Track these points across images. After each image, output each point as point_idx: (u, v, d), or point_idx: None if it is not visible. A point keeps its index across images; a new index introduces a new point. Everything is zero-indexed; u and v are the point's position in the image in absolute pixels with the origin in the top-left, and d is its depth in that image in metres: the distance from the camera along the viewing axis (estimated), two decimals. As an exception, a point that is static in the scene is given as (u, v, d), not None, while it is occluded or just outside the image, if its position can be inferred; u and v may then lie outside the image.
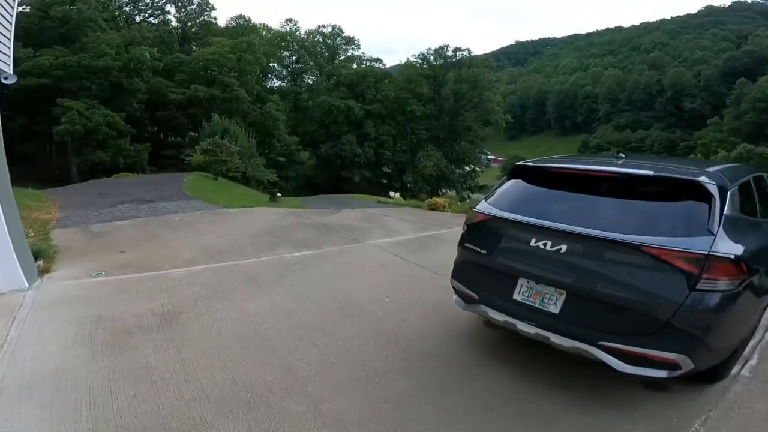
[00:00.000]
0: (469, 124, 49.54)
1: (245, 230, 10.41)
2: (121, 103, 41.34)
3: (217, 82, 45.80)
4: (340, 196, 27.03)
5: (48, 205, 14.19)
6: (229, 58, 47.30)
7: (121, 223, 11.12)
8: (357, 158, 47.01)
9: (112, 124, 38.42)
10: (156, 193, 16.90)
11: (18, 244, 6.44)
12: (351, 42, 68.75)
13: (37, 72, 35.95)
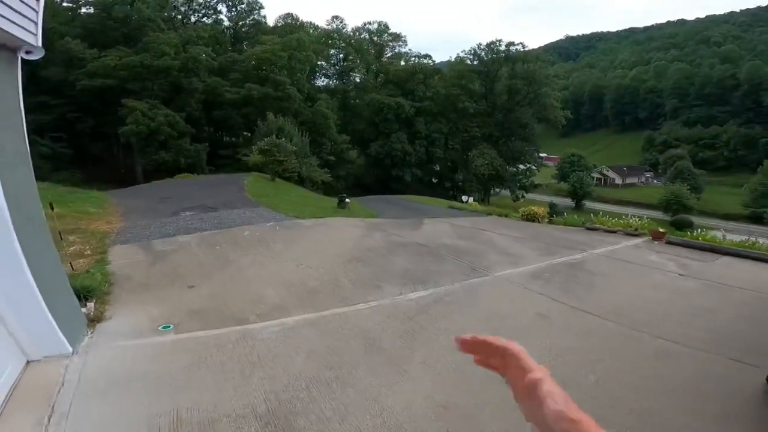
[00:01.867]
0: (525, 121, 45.91)
1: (330, 252, 8.28)
2: (181, 103, 40.78)
3: (269, 81, 44.54)
4: (400, 199, 24.73)
5: (109, 212, 12.74)
6: (280, 56, 45.84)
7: (185, 238, 9.29)
8: (408, 157, 44.60)
9: (174, 124, 37.85)
10: (218, 198, 15.23)
11: (57, 289, 4.53)
12: (398, 38, 66.09)
13: (103, 73, 35.66)
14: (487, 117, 48.16)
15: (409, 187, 45.33)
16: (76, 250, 8.15)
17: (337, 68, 65.84)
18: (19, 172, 4.17)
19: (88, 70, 35.60)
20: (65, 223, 10.22)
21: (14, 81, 4.16)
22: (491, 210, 14.92)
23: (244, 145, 42.98)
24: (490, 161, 41.08)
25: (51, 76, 35.81)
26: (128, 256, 7.85)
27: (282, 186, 23.31)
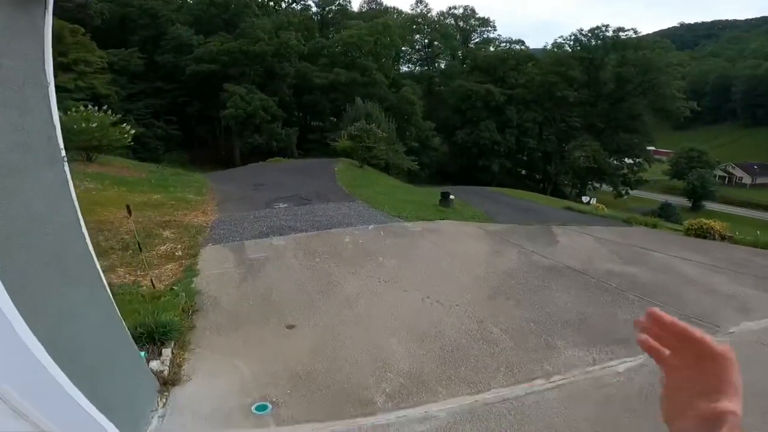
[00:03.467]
0: (637, 112, 39.49)
1: (459, 277, 6.19)
2: (274, 88, 41.02)
3: (355, 66, 43.32)
4: (498, 194, 21.87)
5: (206, 200, 11.86)
6: (367, 40, 44.19)
7: (279, 241, 7.78)
8: (497, 146, 40.79)
9: (267, 109, 38.14)
10: (311, 187, 13.86)
11: (110, 351, 2.95)
12: (485, 23, 61.07)
13: (208, 58, 36.41)
14: (589, 106, 42.27)
15: (496, 177, 41.73)
16: (167, 250, 6.96)
17: (422, 54, 62.99)
18: (47, 176, 2.55)
19: (195, 55, 36.68)
20: (162, 213, 9.37)
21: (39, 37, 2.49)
22: (632, 218, 11.76)
23: (330, 129, 42.59)
24: (591, 154, 35.92)
25: (165, 63, 37.65)
26: (218, 264, 6.45)
27: (371, 174, 21.69)
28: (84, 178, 11.68)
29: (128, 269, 5.92)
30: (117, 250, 6.62)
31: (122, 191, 11.07)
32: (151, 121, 35.72)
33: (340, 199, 12.08)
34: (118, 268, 5.95)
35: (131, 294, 4.94)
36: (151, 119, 35.79)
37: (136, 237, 5.01)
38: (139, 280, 5.57)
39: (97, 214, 8.12)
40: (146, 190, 11.94)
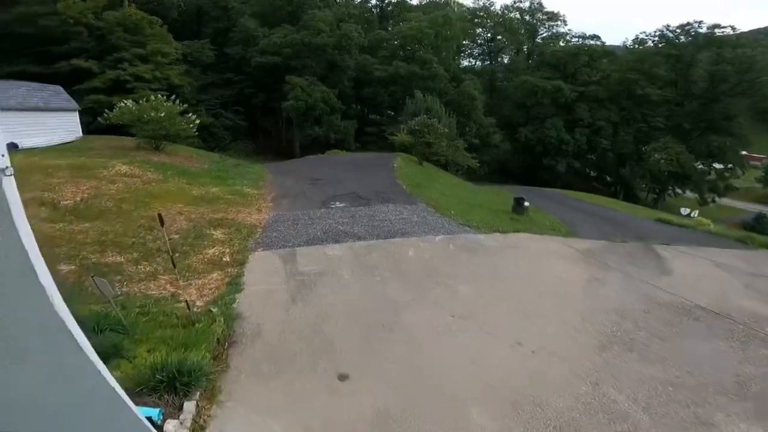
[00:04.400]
0: (734, 113, 34.39)
1: (557, 318, 4.86)
2: (334, 80, 40.69)
3: (415, 59, 41.79)
4: (573, 199, 19.68)
5: (263, 195, 11.28)
6: (427, 33, 42.33)
7: (334, 250, 6.83)
8: (564, 145, 37.55)
9: (327, 101, 37.90)
10: (369, 185, 12.89)
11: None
12: (555, 18, 56.71)
13: (272, 50, 36.55)
14: (675, 106, 37.56)
15: (561, 178, 38.62)
16: (215, 254, 6.26)
17: (484, 48, 60.11)
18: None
19: (260, 47, 36.81)
20: (216, 210, 8.82)
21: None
22: (748, 237, 9.53)
23: (388, 123, 41.68)
24: (674, 156, 31.77)
25: (233, 54, 38.53)
26: (266, 276, 5.61)
27: (431, 171, 20.42)
28: (148, 168, 11.59)
29: (171, 277, 5.24)
30: (164, 252, 6.01)
31: (182, 183, 10.76)
32: (220, 111, 36.69)
33: (401, 200, 10.98)
34: (161, 276, 5.29)
35: (165, 314, 4.19)
36: (220, 110, 36.77)
37: (170, 253, 4.23)
38: (179, 293, 4.85)
39: (150, 209, 7.68)
40: (206, 182, 11.60)
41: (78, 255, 5.40)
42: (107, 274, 4.89)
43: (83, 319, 3.60)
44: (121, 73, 25.37)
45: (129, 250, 5.80)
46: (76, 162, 10.80)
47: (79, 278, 4.84)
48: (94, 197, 7.93)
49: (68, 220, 6.55)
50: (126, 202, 7.86)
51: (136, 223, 6.85)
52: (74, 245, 5.67)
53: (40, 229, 6.09)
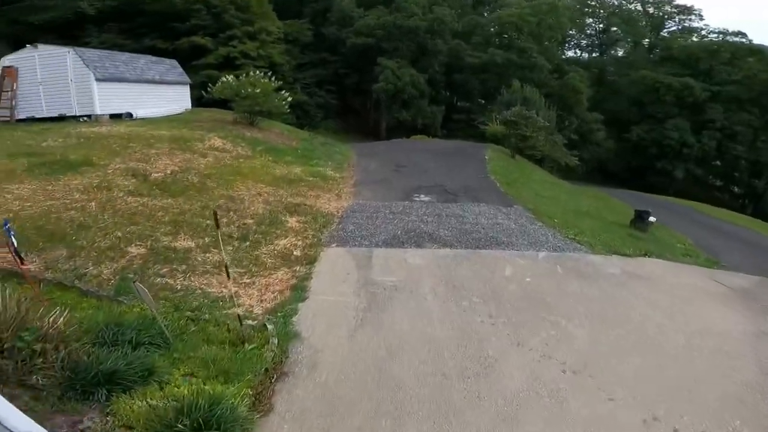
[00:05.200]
0: None
1: (712, 389, 3.34)
2: (425, 64, 39.27)
3: (513, 47, 38.65)
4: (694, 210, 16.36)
5: (345, 179, 10.63)
6: (528, 21, 38.88)
7: (415, 258, 5.83)
8: (687, 149, 31.99)
9: (417, 85, 36.77)
10: (457, 177, 11.59)
11: None
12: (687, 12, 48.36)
13: (365, 31, 35.97)
14: None
15: (675, 184, 33.27)
16: (286, 246, 5.63)
17: (593, 40, 53.96)
18: None
19: (355, 28, 36.42)
20: (295, 193, 8.28)
21: None
22: None
23: (477, 111, 39.54)
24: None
25: (329, 35, 38.98)
26: (335, 283, 4.82)
27: (525, 167, 18.36)
28: (240, 142, 11.59)
29: (235, 272, 4.68)
30: (235, 239, 5.54)
31: (268, 161, 10.52)
32: (314, 90, 37.43)
33: (494, 199, 9.57)
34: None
35: (216, 323, 3.56)
36: (314, 88, 37.55)
37: (225, 261, 3.57)
38: (241, 294, 4.24)
39: (232, 188, 7.37)
40: (290, 161, 11.29)
41: (152, 235, 5.10)
42: (173, 262, 4.47)
43: (124, 327, 3.08)
44: (232, 50, 26.71)
45: (201, 234, 5.41)
46: (177, 133, 11.10)
47: (143, 264, 4.47)
48: (184, 171, 7.85)
49: (153, 194, 6.42)
50: (211, 179, 7.65)
51: (216, 203, 6.51)
52: (151, 224, 5.41)
53: (126, 202, 5.99)
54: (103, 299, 3.71)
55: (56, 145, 8.66)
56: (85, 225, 5.03)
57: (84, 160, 7.57)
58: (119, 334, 2.99)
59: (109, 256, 4.47)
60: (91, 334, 2.96)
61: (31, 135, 9.68)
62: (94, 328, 3.03)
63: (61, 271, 4.11)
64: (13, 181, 6.12)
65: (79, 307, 3.45)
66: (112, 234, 4.90)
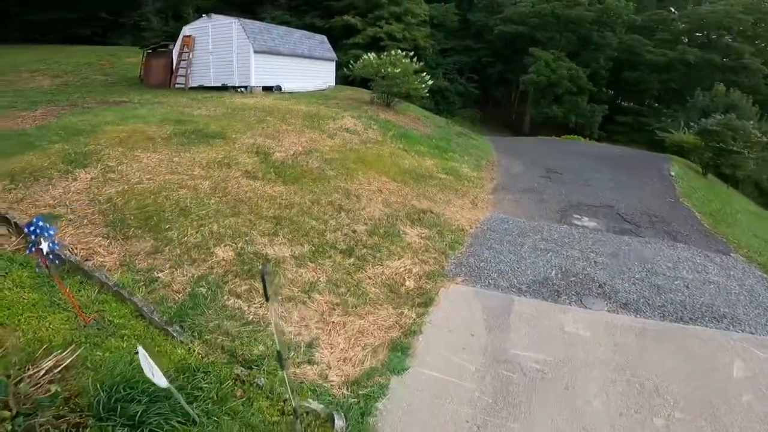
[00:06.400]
0: None
1: None
2: (587, 58, 34.02)
3: (714, 47, 31.38)
4: None
5: (483, 181, 8.80)
6: (739, 19, 31.20)
7: (576, 324, 3.85)
8: None
9: (574, 79, 32.07)
10: (635, 199, 8.62)
11: None
12: None
13: (516, 19, 33.09)
14: None
15: None
16: (397, 271, 4.23)
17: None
18: None
19: (504, 15, 33.92)
20: (422, 193, 6.76)
21: None
22: None
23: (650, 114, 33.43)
24: None
25: (476, 21, 36.99)
26: (450, 353, 3.23)
27: (721, 190, 13.78)
28: (372, 125, 10.64)
29: (326, 302, 3.45)
30: (338, 251, 4.35)
31: (398, 149, 9.30)
32: (455, 77, 35.94)
33: (697, 239, 6.65)
34: (317, 295, 3.56)
35: (269, 396, 2.32)
36: (455, 75, 36.03)
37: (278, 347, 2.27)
38: (322, 341, 2.98)
39: (351, 180, 6.27)
40: (423, 151, 9.89)
41: (247, 234, 4.22)
42: (257, 277, 3.47)
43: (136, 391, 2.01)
44: (378, 30, 26.82)
45: (301, 240, 4.36)
46: (313, 110, 10.66)
47: (223, 275, 3.55)
48: (307, 153, 7.07)
49: (267, 178, 5.67)
50: (331, 166, 6.70)
51: (329, 197, 5.47)
52: (252, 217, 4.57)
53: (238, 184, 5.31)
54: (153, 325, 2.85)
55: (205, 115, 8.80)
56: (187, 210, 4.42)
57: (220, 132, 7.35)
58: (123, 401, 1.96)
59: (191, 258, 3.71)
60: (88, 397, 1.99)
61: (191, 102, 10.18)
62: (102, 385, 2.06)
63: (134, 271, 3.45)
64: (148, 149, 6.01)
65: (119, 334, 2.62)
66: (207, 226, 4.16)
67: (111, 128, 6.90)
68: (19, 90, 12.23)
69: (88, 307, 2.94)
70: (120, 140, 6.29)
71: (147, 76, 14.34)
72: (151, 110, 8.60)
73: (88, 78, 14.88)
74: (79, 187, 4.60)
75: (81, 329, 2.68)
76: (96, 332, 2.67)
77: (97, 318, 2.81)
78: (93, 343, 2.55)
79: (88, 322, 2.75)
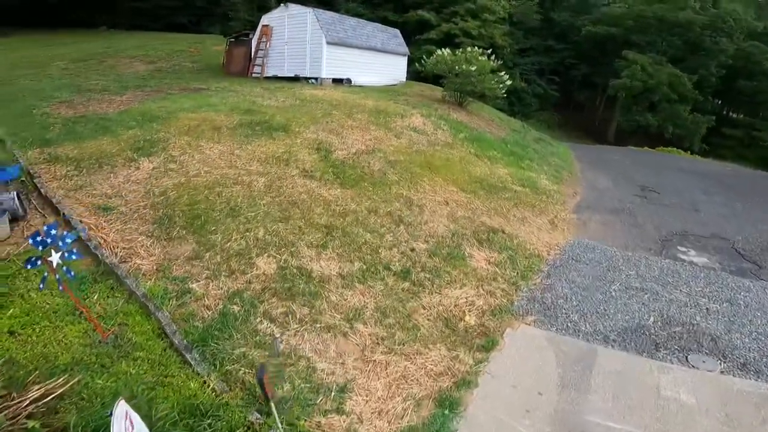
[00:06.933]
0: None
1: None
2: (694, 64, 30.03)
3: None
4: None
5: (564, 196, 7.74)
6: None
7: (680, 389, 2.92)
8: None
9: (676, 86, 28.47)
10: (753, 229, 7.06)
11: None
12: None
13: (609, 21, 30.33)
14: None
15: None
16: (456, 302, 3.58)
17: None
18: None
19: (595, 16, 31.43)
20: (494, 208, 5.91)
21: None
22: None
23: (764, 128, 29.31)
24: None
25: (560, 21, 34.52)
26: (510, 418, 2.51)
27: None
28: (442, 125, 9.93)
29: (370, 334, 2.92)
30: (390, 273, 3.80)
31: (469, 153, 8.52)
32: (534, 77, 33.82)
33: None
34: (359, 325, 3.05)
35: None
36: (533, 76, 33.92)
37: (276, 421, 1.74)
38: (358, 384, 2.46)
39: (414, 187, 5.67)
40: (495, 157, 9.00)
41: (294, 244, 3.82)
42: (296, 297, 3.03)
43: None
44: (453, 27, 25.96)
45: (352, 256, 3.87)
46: (381, 105, 10.21)
47: (261, 292, 3.16)
48: (369, 152, 6.61)
49: (325, 179, 5.28)
50: (394, 169, 6.16)
51: (389, 206, 4.93)
52: (303, 224, 4.17)
53: (294, 184, 4.97)
54: (173, 347, 2.51)
55: (273, 105, 8.71)
56: (236, 210, 4.14)
57: (284, 125, 7.15)
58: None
59: (230, 268, 3.38)
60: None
61: (263, 92, 10.22)
62: (85, 427, 1.71)
63: (169, 278, 3.19)
64: (212, 139, 5.92)
65: (133, 356, 2.31)
66: (253, 231, 3.84)
67: (184, 115, 6.97)
68: (118, 75, 13.23)
69: (111, 319, 2.71)
70: (188, 128, 6.29)
71: (228, 64, 14.86)
72: (223, 99, 8.69)
73: (177, 64, 15.78)
74: (139, 177, 4.54)
75: (96, 345, 2.44)
76: (110, 350, 2.41)
77: (117, 332, 2.56)
78: (101, 365, 2.29)
79: (106, 337, 2.50)
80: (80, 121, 6.43)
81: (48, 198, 3.81)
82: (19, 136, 5.57)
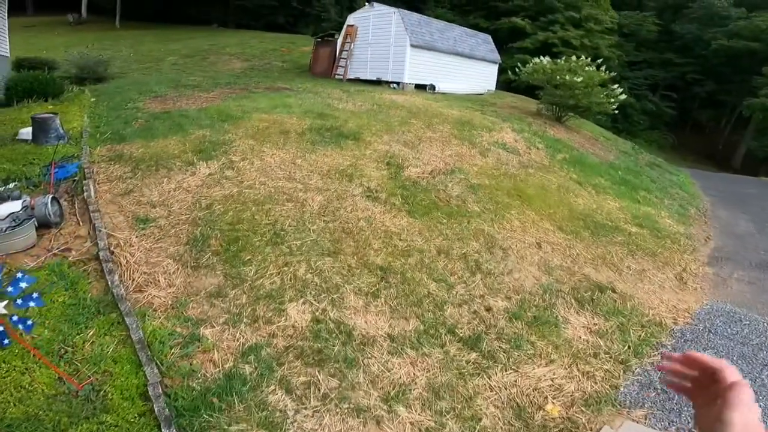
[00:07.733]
0: None
1: None
2: None
3: None
4: None
5: (693, 241, 6.08)
6: None
7: None
8: None
9: (825, 110, 23.19)
10: None
11: None
12: None
13: (748, 34, 26.27)
14: None
15: None
16: (536, 385, 2.60)
17: None
18: None
19: (730, 29, 27.43)
20: (601, 256, 4.55)
21: None
22: None
23: None
24: None
25: (684, 33, 30.27)
26: None
27: None
28: (537, 142, 8.62)
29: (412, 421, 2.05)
30: (454, 339, 2.86)
31: (569, 179, 7.15)
32: (645, 93, 30.03)
33: None
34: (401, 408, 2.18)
35: None
36: (645, 91, 30.11)
37: None
38: None
39: (499, 222, 4.61)
40: (603, 185, 7.48)
41: (337, 290, 3.03)
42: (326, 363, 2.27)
43: None
44: (551, 36, 24.01)
45: (411, 310, 3.01)
46: (465, 116, 9.21)
47: (284, 351, 2.44)
48: (447, 172, 5.70)
49: (391, 202, 4.49)
50: (476, 195, 5.18)
51: (464, 247, 3.97)
52: (353, 261, 3.39)
53: (353, 206, 4.25)
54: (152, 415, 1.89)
55: (348, 110, 8.22)
56: (280, 236, 3.53)
57: (355, 133, 6.56)
58: None
59: (254, 314, 2.74)
60: None
61: (342, 95, 9.82)
62: None
63: (181, 318, 2.63)
64: (276, 145, 5.50)
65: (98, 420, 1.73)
66: (293, 267, 3.17)
67: (257, 116, 6.72)
68: (215, 72, 13.90)
69: (96, 365, 2.20)
70: (257, 131, 5.96)
71: (314, 64, 14.92)
72: (300, 100, 8.40)
73: (269, 63, 16.28)
74: (191, 183, 4.19)
75: (63, 397, 1.93)
76: (76, 406, 1.89)
77: (96, 382, 2.04)
78: (54, 426, 1.76)
79: (81, 388, 1.99)
80: (161, 117, 6.45)
81: (88, 203, 3.55)
82: (99, 129, 5.67)
